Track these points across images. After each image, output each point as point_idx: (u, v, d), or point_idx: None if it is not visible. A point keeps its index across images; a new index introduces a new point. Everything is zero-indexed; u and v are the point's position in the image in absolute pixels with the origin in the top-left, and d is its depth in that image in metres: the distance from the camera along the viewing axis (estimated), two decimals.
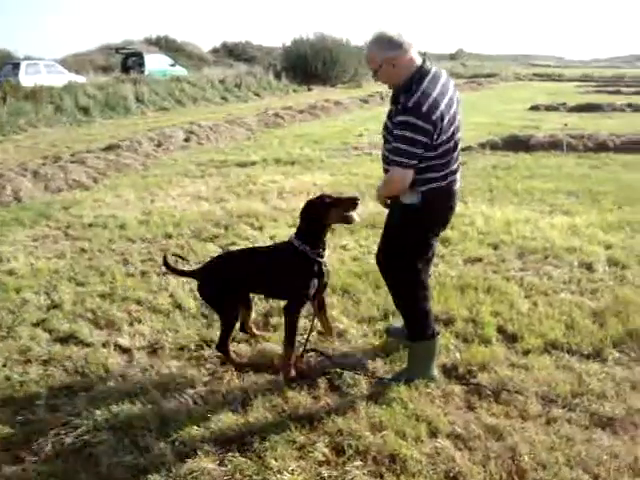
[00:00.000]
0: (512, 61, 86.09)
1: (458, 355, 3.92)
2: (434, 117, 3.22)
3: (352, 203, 3.67)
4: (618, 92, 27.86)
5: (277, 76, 32.04)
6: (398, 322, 4.15)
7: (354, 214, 3.70)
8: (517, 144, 11.89)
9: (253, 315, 4.32)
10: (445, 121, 3.30)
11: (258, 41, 52.27)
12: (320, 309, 4.05)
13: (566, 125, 12.37)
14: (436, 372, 3.72)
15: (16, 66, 24.57)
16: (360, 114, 19.36)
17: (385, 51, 3.35)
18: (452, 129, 3.40)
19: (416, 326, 3.69)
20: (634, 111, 19.03)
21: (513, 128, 14.27)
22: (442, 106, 3.28)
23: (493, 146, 11.77)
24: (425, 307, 3.69)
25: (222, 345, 3.85)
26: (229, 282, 3.85)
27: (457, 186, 3.61)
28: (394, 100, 3.47)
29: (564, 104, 20.41)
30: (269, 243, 5.84)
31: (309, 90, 31.35)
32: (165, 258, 4.19)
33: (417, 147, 3.26)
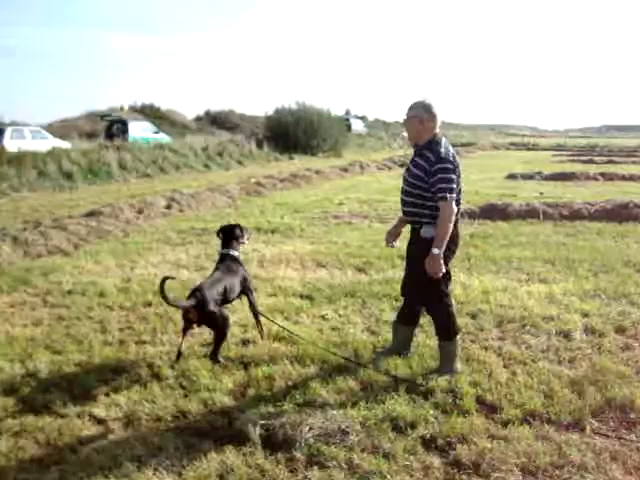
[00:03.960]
0: (489, 130, 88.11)
1: (437, 427, 3.89)
2: (456, 164, 4.49)
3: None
4: (591, 161, 28.54)
5: (259, 144, 32.42)
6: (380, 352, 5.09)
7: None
8: (495, 213, 12.10)
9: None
10: (459, 169, 4.55)
11: (241, 109, 53.04)
12: None
13: (542, 194, 12.65)
14: (459, 366, 4.73)
15: (1, 131, 24.69)
16: (340, 183, 19.63)
17: (421, 110, 4.54)
18: (460, 178, 4.57)
19: (448, 327, 4.73)
20: (607, 180, 19.49)
21: (491, 197, 14.53)
22: (457, 159, 4.54)
23: (471, 215, 11.94)
24: (453, 311, 4.79)
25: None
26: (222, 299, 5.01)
27: (459, 221, 4.70)
28: (417, 153, 4.61)
29: (540, 173, 20.88)
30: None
31: (291, 159, 31.75)
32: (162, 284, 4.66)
33: (454, 183, 4.42)
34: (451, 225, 4.41)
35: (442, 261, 4.39)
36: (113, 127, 32.41)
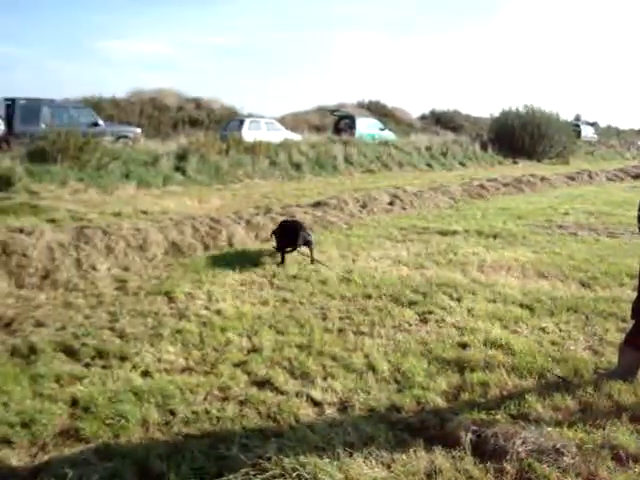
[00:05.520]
0: None
1: None
2: None
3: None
4: None
5: (483, 147, 31.79)
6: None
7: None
8: None
9: None
10: None
11: (466, 110, 52.45)
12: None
13: None
14: None
15: (241, 122, 27.01)
16: (566, 192, 18.68)
17: None
18: None
19: None
20: None
21: None
22: None
23: None
24: None
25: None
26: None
27: None
28: None
29: None
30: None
31: (515, 163, 30.81)
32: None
33: None
34: None
35: None
36: (341, 122, 33.58)
